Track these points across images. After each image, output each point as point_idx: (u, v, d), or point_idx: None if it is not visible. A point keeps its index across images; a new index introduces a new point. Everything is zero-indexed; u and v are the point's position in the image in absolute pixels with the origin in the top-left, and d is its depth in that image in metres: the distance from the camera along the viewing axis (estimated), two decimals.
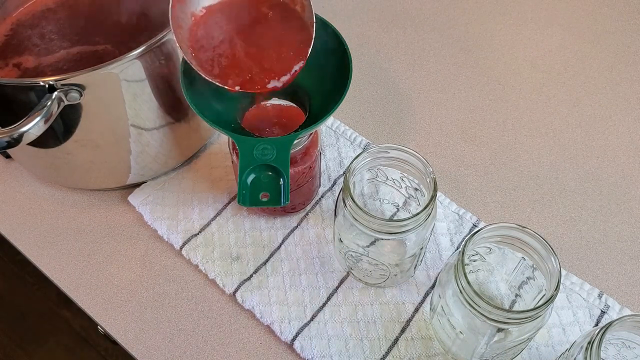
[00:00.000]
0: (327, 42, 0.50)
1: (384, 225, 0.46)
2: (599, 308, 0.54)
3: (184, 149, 0.60)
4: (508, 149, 0.65)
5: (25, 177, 0.63)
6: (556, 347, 0.52)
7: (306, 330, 0.53)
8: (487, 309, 0.43)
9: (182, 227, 0.58)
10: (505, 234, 0.46)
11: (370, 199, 0.57)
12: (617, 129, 0.66)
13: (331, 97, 0.48)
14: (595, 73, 0.71)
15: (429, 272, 0.56)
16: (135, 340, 0.54)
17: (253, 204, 0.44)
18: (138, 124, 0.53)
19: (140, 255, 0.58)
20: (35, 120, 0.44)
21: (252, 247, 0.57)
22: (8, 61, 0.57)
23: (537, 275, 0.49)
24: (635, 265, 0.57)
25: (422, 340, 0.52)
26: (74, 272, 0.57)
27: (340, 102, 0.46)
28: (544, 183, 0.62)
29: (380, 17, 0.76)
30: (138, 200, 0.60)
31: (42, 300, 1.33)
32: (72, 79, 0.45)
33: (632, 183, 0.62)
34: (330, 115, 0.46)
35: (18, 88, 0.46)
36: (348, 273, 0.56)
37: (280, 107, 0.54)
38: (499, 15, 0.77)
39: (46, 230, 0.60)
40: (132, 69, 0.48)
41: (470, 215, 0.59)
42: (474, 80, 0.70)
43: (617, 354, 0.48)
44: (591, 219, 0.60)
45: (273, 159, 0.44)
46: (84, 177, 0.59)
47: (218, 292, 0.56)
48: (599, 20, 0.76)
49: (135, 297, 0.56)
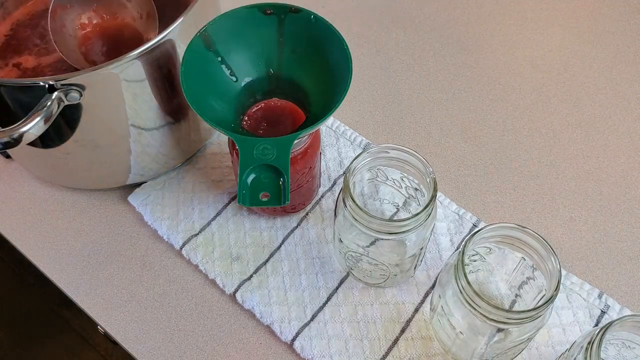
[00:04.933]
0: (326, 41, 0.49)
1: (384, 225, 0.46)
2: (599, 308, 0.54)
3: (184, 149, 0.60)
4: (508, 149, 0.65)
5: (25, 177, 0.63)
6: (556, 347, 0.52)
7: (306, 331, 0.53)
8: (487, 309, 0.43)
9: (182, 227, 0.58)
10: (505, 234, 0.46)
11: (370, 199, 0.57)
12: (617, 129, 0.66)
13: (331, 96, 0.48)
14: (595, 73, 0.71)
15: (429, 272, 0.56)
16: (135, 340, 0.54)
17: (253, 203, 0.44)
18: (138, 124, 0.53)
19: (140, 255, 0.58)
20: (35, 120, 0.44)
21: (252, 247, 0.57)
22: (8, 61, 0.58)
23: (537, 275, 0.49)
24: (635, 265, 0.57)
25: (422, 340, 0.52)
26: (74, 272, 0.57)
27: (341, 102, 0.46)
28: (544, 183, 0.62)
29: (380, 17, 0.76)
30: (138, 200, 0.60)
31: (42, 300, 1.33)
32: (72, 79, 0.45)
33: (632, 183, 0.62)
34: (331, 115, 0.45)
35: (18, 88, 0.46)
36: (348, 273, 0.56)
37: (280, 106, 0.53)
38: (499, 15, 0.77)
39: (46, 230, 0.60)
40: (132, 69, 0.48)
41: (470, 215, 0.59)
42: (474, 80, 0.70)
43: (617, 354, 0.48)
44: (591, 219, 0.60)
45: (273, 159, 0.44)
46: (84, 177, 0.59)
47: (218, 292, 0.56)
48: (599, 20, 0.76)
49: (135, 297, 0.56)
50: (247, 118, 0.53)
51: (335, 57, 0.49)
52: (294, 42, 0.51)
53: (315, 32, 0.49)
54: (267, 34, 0.51)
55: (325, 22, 0.49)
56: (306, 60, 0.51)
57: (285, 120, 0.53)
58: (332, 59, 0.50)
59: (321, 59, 0.50)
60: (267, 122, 0.53)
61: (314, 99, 0.51)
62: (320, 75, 0.50)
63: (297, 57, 0.51)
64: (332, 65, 0.50)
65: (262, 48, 0.51)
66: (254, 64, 0.52)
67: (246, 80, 0.52)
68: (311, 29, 0.50)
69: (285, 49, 0.51)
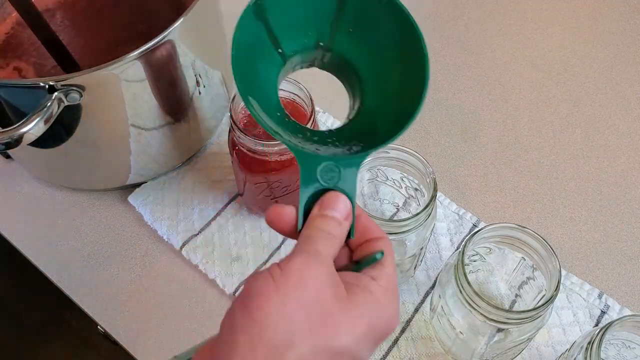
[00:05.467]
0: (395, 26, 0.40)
1: (384, 225, 0.46)
2: (599, 308, 0.54)
3: (184, 149, 0.60)
4: (508, 149, 0.65)
5: (25, 177, 0.63)
6: (556, 347, 0.52)
7: None
8: (487, 309, 0.43)
9: (182, 227, 0.58)
10: (505, 234, 0.46)
11: (370, 199, 0.57)
12: (617, 129, 0.66)
13: (396, 96, 0.40)
14: (595, 73, 0.71)
15: (429, 272, 0.56)
16: (135, 340, 0.54)
17: None
18: (138, 124, 0.53)
19: (140, 255, 0.58)
20: (35, 121, 0.44)
21: (252, 247, 0.57)
22: (9, 61, 0.57)
23: (537, 275, 0.49)
24: (635, 265, 0.57)
25: (422, 340, 0.52)
26: (74, 272, 0.57)
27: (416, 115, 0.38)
28: (544, 183, 0.62)
29: None
30: (138, 200, 0.60)
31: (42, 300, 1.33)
32: (72, 80, 0.45)
33: (632, 183, 0.62)
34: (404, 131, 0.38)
35: (18, 89, 0.46)
36: None
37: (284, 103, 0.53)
38: (499, 15, 0.77)
39: (46, 230, 0.60)
40: (132, 69, 0.48)
41: (470, 215, 0.59)
42: (474, 80, 0.70)
43: (617, 354, 0.48)
44: (591, 219, 0.60)
45: (338, 183, 0.37)
46: (84, 177, 0.59)
47: (218, 292, 0.56)
48: (599, 20, 0.76)
49: (135, 297, 0.56)
50: (245, 118, 0.53)
51: (404, 47, 0.41)
52: (355, 16, 0.42)
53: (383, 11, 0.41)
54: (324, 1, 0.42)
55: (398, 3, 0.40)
56: (366, 41, 0.42)
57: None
58: (401, 48, 0.41)
59: (386, 44, 0.41)
60: None
61: (369, 88, 0.42)
62: (380, 63, 0.42)
63: (355, 35, 0.42)
64: (399, 55, 0.41)
65: (315, 15, 0.42)
66: (303, 34, 0.43)
67: (291, 53, 0.43)
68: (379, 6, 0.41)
69: (343, 22, 0.42)
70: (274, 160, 0.51)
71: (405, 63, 0.41)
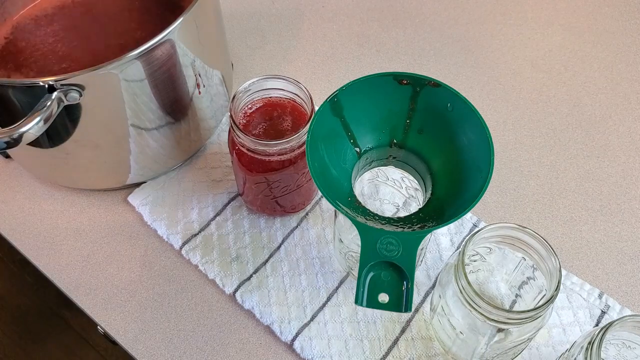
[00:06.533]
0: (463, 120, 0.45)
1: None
2: (599, 308, 0.54)
3: (184, 149, 0.60)
4: (508, 149, 0.65)
5: (25, 177, 0.63)
6: (556, 348, 0.52)
7: (306, 331, 0.53)
8: (487, 309, 0.43)
9: (182, 227, 0.58)
10: (505, 234, 0.46)
11: (370, 199, 0.57)
12: (617, 129, 0.66)
13: (462, 182, 0.44)
14: (595, 73, 0.71)
15: (429, 272, 0.56)
16: (135, 340, 0.54)
17: (370, 305, 0.40)
18: (138, 124, 0.53)
19: (140, 255, 0.58)
20: (35, 120, 0.44)
21: (252, 247, 0.57)
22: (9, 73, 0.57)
23: (538, 275, 0.49)
24: (636, 265, 0.57)
25: (422, 340, 0.52)
26: (73, 272, 0.57)
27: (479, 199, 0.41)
28: (544, 183, 0.62)
29: (380, 17, 0.76)
30: (138, 200, 0.60)
31: (42, 300, 1.33)
32: (71, 79, 0.45)
33: (632, 183, 0.62)
34: (467, 213, 0.41)
35: (18, 88, 0.46)
36: (348, 273, 0.56)
37: (280, 104, 0.53)
38: (499, 15, 0.77)
39: (46, 230, 0.60)
40: (132, 69, 0.48)
41: (470, 215, 0.59)
42: (474, 80, 0.70)
43: (617, 354, 0.48)
44: (591, 219, 0.60)
45: (398, 257, 0.40)
46: (84, 177, 0.59)
47: (218, 292, 0.56)
48: (599, 20, 0.76)
49: (135, 297, 0.56)
50: (244, 118, 0.53)
51: (471, 139, 0.45)
52: (426, 116, 0.47)
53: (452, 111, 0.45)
54: (398, 103, 0.47)
55: (465, 101, 0.45)
56: (436, 136, 0.47)
57: (285, 119, 0.53)
58: (467, 139, 0.45)
59: (454, 137, 0.45)
60: (267, 122, 0.53)
61: (439, 179, 0.46)
62: (449, 155, 0.46)
63: (427, 133, 0.47)
64: (465, 146, 0.45)
65: (390, 117, 0.47)
66: (377, 132, 0.48)
67: (366, 148, 0.48)
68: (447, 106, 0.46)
69: (415, 121, 0.47)
70: (274, 160, 0.51)
71: (471, 156, 0.45)
